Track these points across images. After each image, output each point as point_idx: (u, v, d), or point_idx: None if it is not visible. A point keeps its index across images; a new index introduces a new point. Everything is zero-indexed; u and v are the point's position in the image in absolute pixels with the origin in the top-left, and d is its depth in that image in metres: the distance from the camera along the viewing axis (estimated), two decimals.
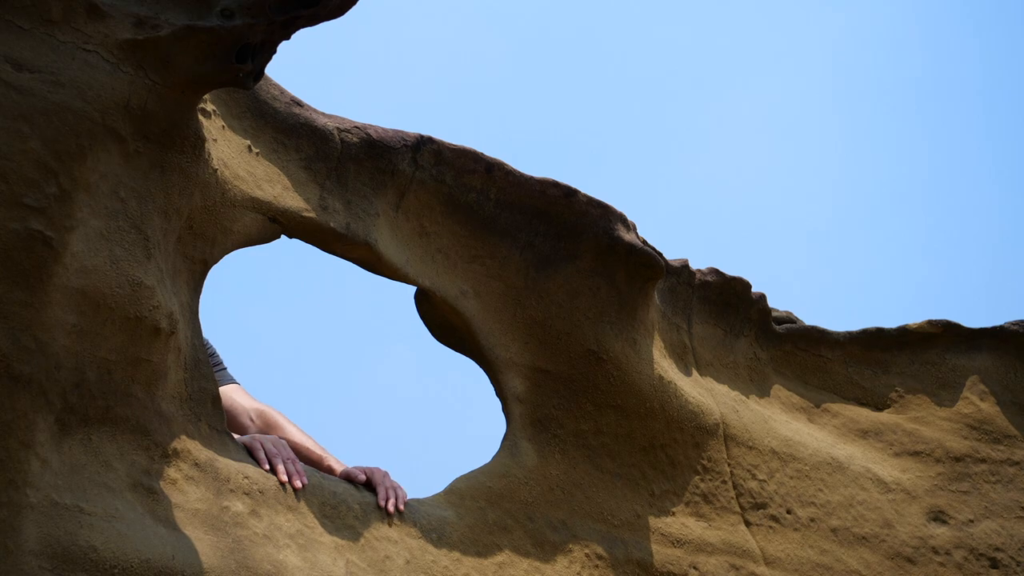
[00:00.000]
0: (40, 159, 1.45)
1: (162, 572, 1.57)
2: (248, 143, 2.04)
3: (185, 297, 1.88)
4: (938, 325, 3.16)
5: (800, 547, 2.67)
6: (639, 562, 2.37)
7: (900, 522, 2.84)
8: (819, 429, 3.01)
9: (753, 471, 2.69)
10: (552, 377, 2.44)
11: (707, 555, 2.49)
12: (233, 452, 1.89)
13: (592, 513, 2.38)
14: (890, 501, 2.87)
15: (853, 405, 3.10)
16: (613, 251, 2.45)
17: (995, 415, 3.09)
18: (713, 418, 2.63)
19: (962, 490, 2.97)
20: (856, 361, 3.14)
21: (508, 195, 2.37)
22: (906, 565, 2.78)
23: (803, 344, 3.10)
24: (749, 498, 2.66)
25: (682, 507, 2.53)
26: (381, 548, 1.98)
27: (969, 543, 2.87)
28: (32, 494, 1.45)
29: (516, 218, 2.40)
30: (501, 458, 2.33)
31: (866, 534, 2.78)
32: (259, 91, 2.05)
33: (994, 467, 3.02)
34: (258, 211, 2.02)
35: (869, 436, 3.04)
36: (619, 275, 2.47)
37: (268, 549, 1.78)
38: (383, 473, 2.14)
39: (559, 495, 2.35)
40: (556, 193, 2.39)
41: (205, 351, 1.95)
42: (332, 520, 1.95)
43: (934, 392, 3.12)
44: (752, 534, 2.61)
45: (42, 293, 1.48)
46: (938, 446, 3.01)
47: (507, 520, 2.25)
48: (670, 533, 2.47)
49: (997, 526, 2.93)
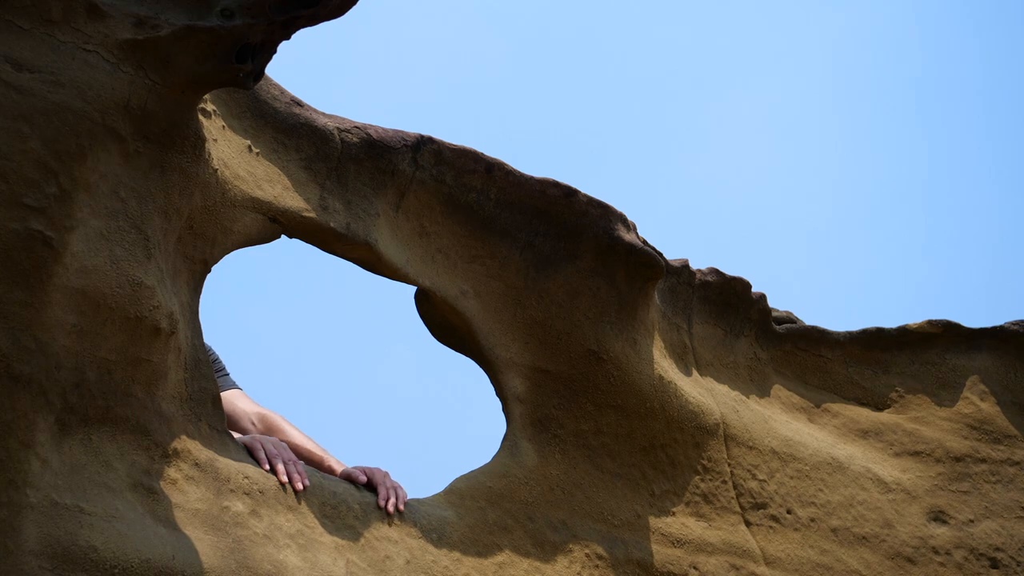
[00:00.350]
0: (40, 159, 1.45)
1: (162, 572, 1.57)
2: (248, 143, 2.04)
3: (185, 297, 1.88)
4: (938, 325, 3.16)
5: (800, 547, 2.67)
6: (639, 562, 2.37)
7: (900, 522, 2.84)
8: (819, 429, 3.01)
9: (753, 471, 2.69)
10: (552, 377, 2.44)
11: (707, 555, 2.49)
12: (233, 452, 1.89)
13: (592, 513, 2.38)
14: (890, 501, 2.87)
15: (853, 405, 3.10)
16: (613, 251, 2.45)
17: (995, 415, 3.09)
18: (713, 418, 2.63)
19: (962, 490, 2.97)
20: (856, 361, 3.14)
21: (508, 195, 2.37)
22: (906, 565, 2.78)
23: (803, 344, 3.10)
24: (749, 498, 2.66)
25: (682, 507, 2.53)
26: (381, 548, 1.98)
27: (969, 543, 2.87)
28: (32, 494, 1.45)
29: (516, 218, 2.40)
30: (501, 458, 2.33)
31: (866, 534, 2.78)
32: (259, 91, 2.05)
33: (994, 467, 3.02)
34: (258, 211, 2.02)
35: (869, 436, 3.04)
36: (619, 275, 2.47)
37: (268, 549, 1.78)
38: (383, 473, 2.14)
39: (559, 495, 2.35)
40: (556, 193, 2.39)
41: (206, 351, 1.95)
42: (332, 520, 1.95)
43: (934, 392, 3.12)
44: (752, 534, 2.61)
45: (42, 293, 1.48)
46: (938, 446, 3.01)
47: (507, 520, 2.25)
48: (670, 533, 2.47)
49: (997, 526, 2.93)
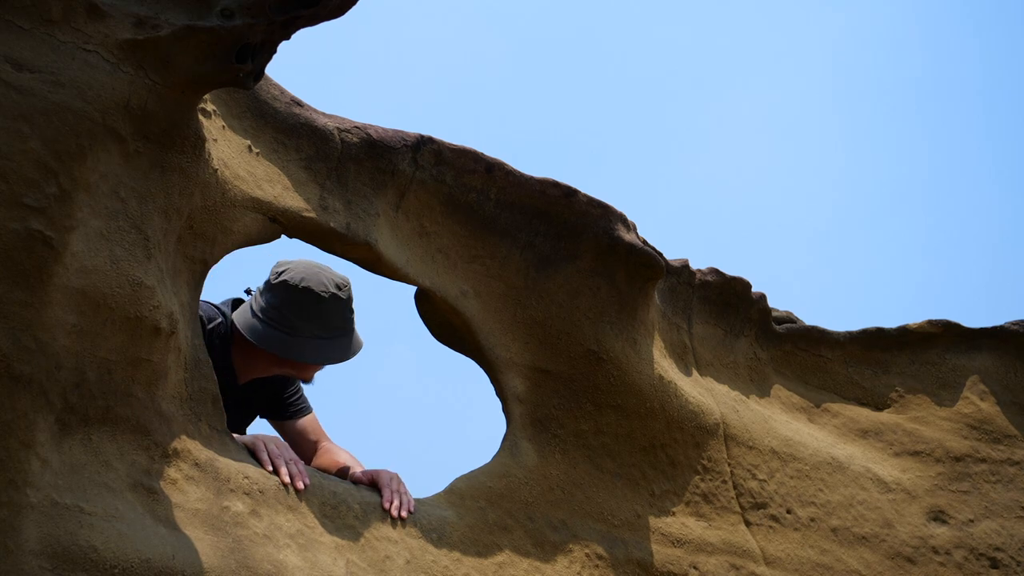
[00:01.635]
0: (40, 159, 1.45)
1: (162, 572, 1.57)
2: (248, 143, 2.03)
3: (185, 297, 1.88)
4: (938, 325, 3.16)
5: (800, 547, 2.67)
6: (639, 562, 2.37)
7: (900, 522, 2.84)
8: (819, 429, 3.01)
9: (753, 471, 2.69)
10: (552, 377, 2.43)
11: (707, 555, 2.48)
12: (233, 452, 1.89)
13: (592, 513, 2.38)
14: (890, 501, 2.87)
15: (853, 405, 3.10)
16: (613, 251, 2.45)
17: (995, 415, 3.09)
18: (713, 418, 2.63)
19: (962, 490, 2.96)
20: (856, 361, 3.14)
21: (508, 195, 2.37)
22: (906, 565, 2.78)
23: (803, 344, 3.10)
24: (749, 498, 2.66)
25: (682, 507, 2.53)
26: (381, 548, 1.98)
27: (969, 543, 2.87)
28: (32, 494, 1.45)
29: (516, 218, 2.40)
30: (501, 458, 2.33)
31: (866, 534, 2.78)
32: (259, 91, 2.05)
33: (994, 467, 3.02)
34: (258, 211, 2.02)
35: (869, 436, 3.03)
36: (619, 275, 2.47)
37: (268, 549, 1.78)
38: (390, 476, 2.12)
39: (559, 495, 2.35)
40: (556, 193, 2.39)
41: (206, 351, 1.95)
42: (332, 520, 1.95)
43: (934, 392, 3.12)
44: (752, 534, 2.61)
45: (42, 293, 1.48)
46: (938, 446, 3.01)
47: (507, 520, 2.25)
48: (670, 533, 2.46)
49: (997, 526, 2.93)
